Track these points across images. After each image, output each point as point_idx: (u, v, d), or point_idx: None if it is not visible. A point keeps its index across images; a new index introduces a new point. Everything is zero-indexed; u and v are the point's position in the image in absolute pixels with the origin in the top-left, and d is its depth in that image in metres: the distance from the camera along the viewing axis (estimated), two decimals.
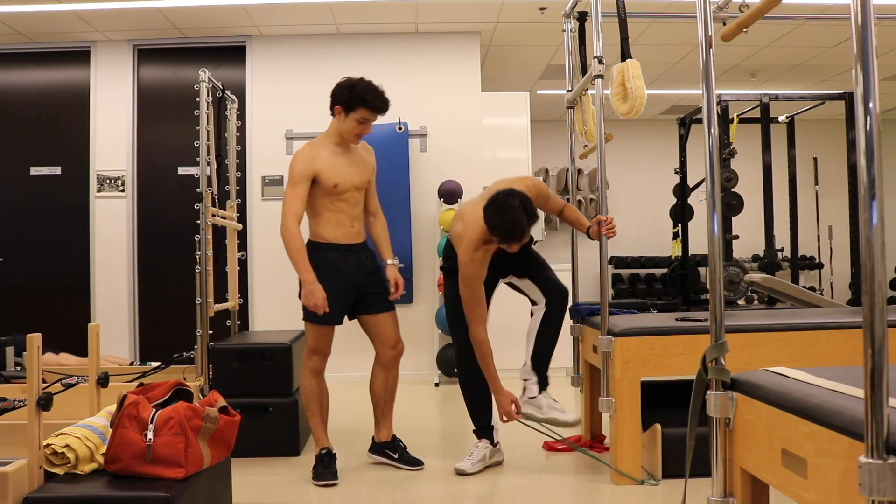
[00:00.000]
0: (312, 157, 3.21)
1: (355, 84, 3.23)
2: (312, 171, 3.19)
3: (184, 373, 3.78)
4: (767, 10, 1.75)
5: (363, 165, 3.37)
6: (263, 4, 5.41)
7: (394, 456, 3.46)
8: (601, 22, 3.33)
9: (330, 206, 3.26)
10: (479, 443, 3.38)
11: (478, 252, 3.13)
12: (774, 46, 6.35)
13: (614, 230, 3.32)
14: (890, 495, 1.17)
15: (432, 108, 6.05)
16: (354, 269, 3.32)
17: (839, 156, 6.91)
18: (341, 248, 3.29)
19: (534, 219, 3.03)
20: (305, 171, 3.19)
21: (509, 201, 2.97)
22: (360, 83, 3.23)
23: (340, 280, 3.27)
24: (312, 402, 3.35)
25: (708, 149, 1.86)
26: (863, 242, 1.22)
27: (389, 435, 3.51)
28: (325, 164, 3.21)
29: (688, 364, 2.97)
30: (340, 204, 3.28)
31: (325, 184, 3.21)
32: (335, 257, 3.27)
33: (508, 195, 2.99)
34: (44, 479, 2.09)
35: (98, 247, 5.97)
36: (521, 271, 3.39)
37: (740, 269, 5.95)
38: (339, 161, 3.26)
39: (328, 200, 3.26)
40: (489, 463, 3.36)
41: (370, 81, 3.25)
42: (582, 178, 9.00)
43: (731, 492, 1.79)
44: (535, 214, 3.04)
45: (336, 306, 3.25)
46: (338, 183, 3.23)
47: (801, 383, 1.59)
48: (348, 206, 3.30)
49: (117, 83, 6.03)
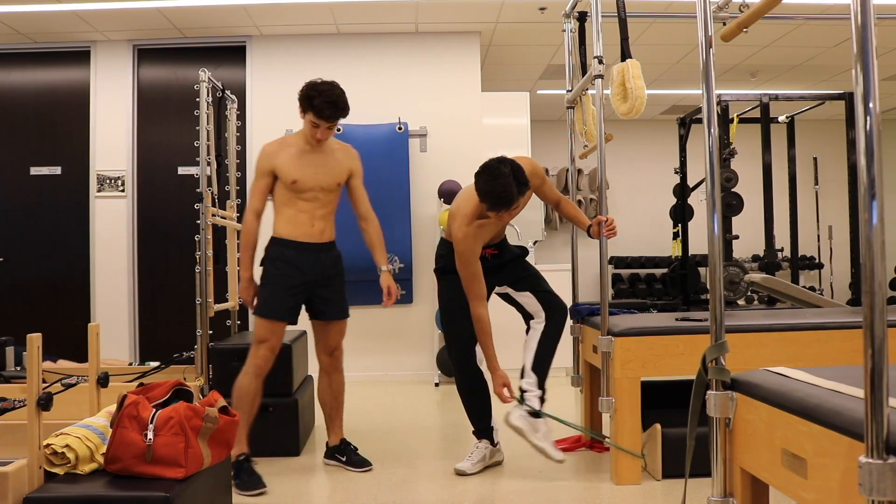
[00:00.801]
0: (274, 153, 3.24)
1: (314, 86, 3.20)
2: (271, 167, 3.22)
3: (184, 373, 3.78)
4: (767, 10, 1.75)
5: (335, 167, 3.32)
6: (263, 4, 5.41)
7: (342, 459, 3.45)
8: (601, 22, 3.33)
9: (290, 203, 3.26)
10: (479, 443, 3.38)
11: (471, 226, 3.13)
12: (774, 46, 6.35)
13: (615, 231, 3.32)
14: (890, 495, 1.17)
15: (432, 108, 6.05)
16: (310, 268, 3.29)
17: (839, 156, 6.91)
18: (298, 246, 3.27)
19: (524, 188, 3.02)
20: (264, 166, 3.24)
21: (500, 168, 2.98)
22: (319, 87, 3.19)
23: (293, 277, 3.27)
24: (245, 403, 3.21)
25: (708, 149, 1.86)
26: (863, 242, 1.22)
27: (339, 439, 3.50)
28: (286, 160, 3.21)
29: (688, 364, 2.97)
30: (301, 203, 3.26)
31: (284, 179, 3.22)
32: (290, 254, 3.27)
33: (500, 162, 3.02)
34: (44, 479, 2.09)
35: (98, 247, 5.97)
36: (519, 283, 3.38)
37: (740, 269, 5.95)
38: (304, 159, 3.24)
39: (288, 197, 3.25)
40: (489, 463, 3.36)
41: (331, 87, 3.18)
42: (582, 178, 9.00)
43: (731, 492, 1.79)
44: (526, 183, 3.03)
45: (286, 303, 3.26)
46: (297, 179, 3.21)
47: (801, 383, 1.59)
48: (311, 206, 3.27)
49: (117, 83, 6.03)
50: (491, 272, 3.33)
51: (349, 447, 3.48)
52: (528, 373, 3.26)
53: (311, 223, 3.29)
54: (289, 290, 3.27)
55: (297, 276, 3.27)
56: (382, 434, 4.10)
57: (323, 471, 3.44)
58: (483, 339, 3.20)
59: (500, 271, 3.38)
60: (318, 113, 3.17)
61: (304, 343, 4.23)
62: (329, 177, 3.30)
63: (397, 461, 3.55)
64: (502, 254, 3.41)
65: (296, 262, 3.27)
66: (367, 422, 4.41)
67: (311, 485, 3.26)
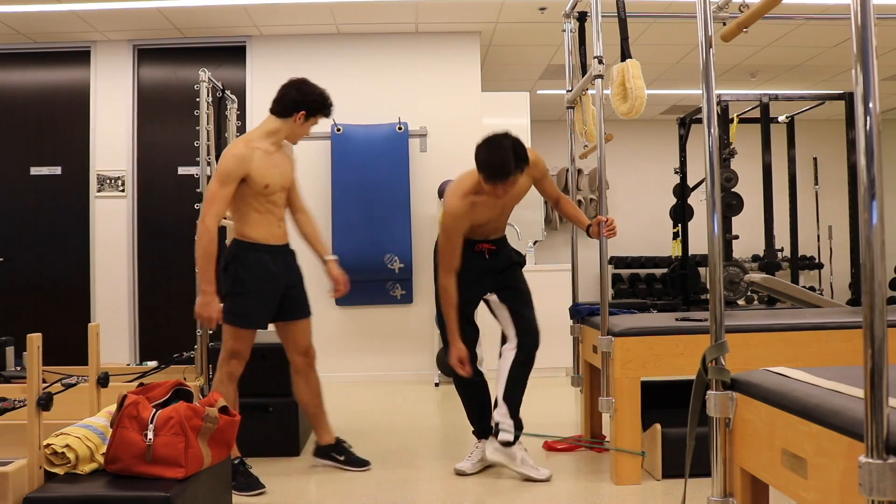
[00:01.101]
0: (247, 157, 3.10)
1: (317, 91, 3.24)
2: (245, 171, 3.09)
3: (184, 373, 3.78)
4: (767, 10, 1.75)
5: (289, 165, 3.32)
6: (263, 4, 5.41)
7: (340, 458, 3.41)
8: (601, 22, 3.33)
9: (259, 207, 3.18)
10: (479, 443, 3.38)
11: (464, 201, 3.12)
12: (774, 46, 6.35)
13: (615, 231, 3.31)
14: (890, 495, 1.17)
15: (432, 108, 6.05)
16: (283, 270, 3.25)
17: (839, 156, 6.90)
18: (271, 250, 3.21)
19: (523, 164, 3.03)
20: (237, 171, 3.08)
21: (502, 141, 3.01)
22: (319, 90, 3.25)
23: (271, 282, 3.20)
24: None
25: (708, 149, 1.86)
26: (863, 242, 1.22)
27: (332, 437, 3.45)
28: (259, 164, 3.12)
29: (688, 364, 2.97)
30: (269, 205, 3.20)
31: (257, 184, 3.12)
32: (266, 258, 3.19)
33: (502, 136, 3.04)
34: (44, 479, 2.09)
35: (98, 247, 5.97)
36: (504, 293, 3.32)
37: (740, 269, 5.95)
38: (270, 161, 3.18)
39: (257, 201, 3.16)
40: (489, 463, 3.36)
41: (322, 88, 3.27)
42: (582, 178, 9.00)
43: (731, 492, 1.79)
44: (526, 160, 3.04)
45: (264, 310, 3.20)
46: (269, 184, 3.15)
47: (801, 383, 1.60)
48: (276, 207, 3.24)
49: (117, 83, 6.03)
50: (486, 275, 3.30)
51: (345, 445, 3.45)
52: (500, 403, 3.25)
53: (278, 224, 3.25)
54: (268, 296, 3.20)
55: (273, 281, 3.21)
56: (382, 434, 4.10)
57: (323, 471, 3.43)
58: (447, 310, 3.21)
59: (495, 276, 3.33)
60: (328, 115, 3.26)
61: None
62: (287, 176, 3.29)
63: (397, 461, 3.55)
64: (500, 252, 3.36)
65: (270, 267, 3.20)
66: (367, 422, 4.40)
67: (311, 485, 3.26)
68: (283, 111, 3.21)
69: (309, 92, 3.23)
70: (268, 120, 3.24)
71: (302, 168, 6.03)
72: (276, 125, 3.22)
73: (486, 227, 3.28)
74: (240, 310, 3.14)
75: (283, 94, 3.22)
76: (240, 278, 3.15)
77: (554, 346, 5.81)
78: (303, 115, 3.20)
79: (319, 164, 5.90)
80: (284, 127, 3.22)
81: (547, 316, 5.93)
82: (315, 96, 3.23)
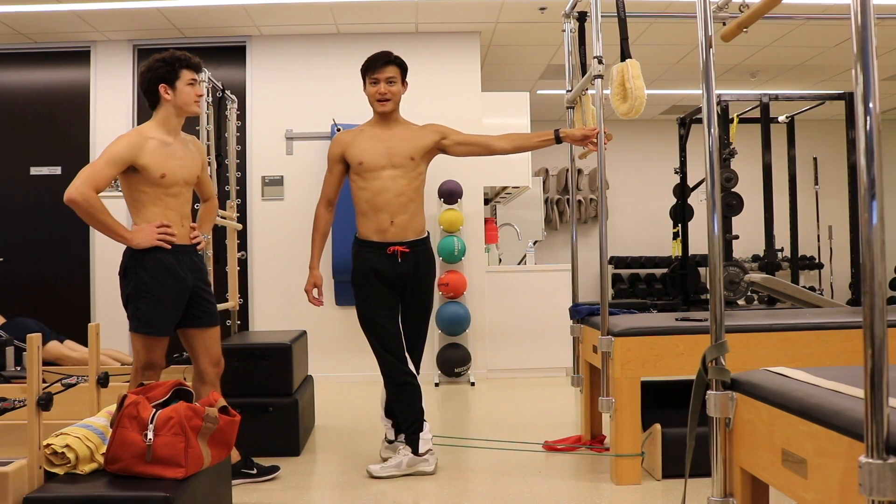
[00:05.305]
0: (138, 143, 2.89)
1: (155, 61, 2.98)
2: (134, 157, 2.88)
3: (184, 373, 3.77)
4: (767, 10, 1.75)
5: (194, 159, 3.08)
6: (263, 4, 5.41)
7: (252, 472, 3.25)
8: (601, 22, 3.33)
9: (157, 201, 2.95)
10: (403, 448, 3.28)
11: (361, 127, 3.60)
12: (774, 46, 6.35)
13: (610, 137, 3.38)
14: (890, 495, 1.17)
15: (432, 108, 6.03)
16: (189, 271, 2.99)
17: (839, 156, 6.91)
18: (174, 250, 2.94)
19: (403, 64, 3.61)
20: (126, 155, 2.87)
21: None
22: (159, 56, 2.99)
23: (175, 285, 2.94)
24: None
25: (708, 149, 1.86)
26: (863, 242, 1.22)
27: (238, 455, 3.22)
28: (153, 153, 2.90)
29: (688, 364, 2.97)
30: (169, 199, 2.96)
31: (152, 174, 2.89)
32: (168, 259, 2.92)
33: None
34: (44, 479, 2.09)
35: (98, 246, 5.97)
36: (404, 316, 3.34)
37: (740, 269, 5.96)
38: (167, 152, 2.95)
39: (154, 194, 2.94)
40: (407, 472, 3.24)
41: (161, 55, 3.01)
42: (582, 178, 9.00)
43: (731, 492, 1.79)
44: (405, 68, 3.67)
45: (170, 316, 2.94)
46: (166, 174, 2.91)
47: (801, 383, 1.60)
48: (177, 203, 2.99)
49: (117, 83, 6.03)
50: (396, 279, 3.28)
51: (251, 460, 3.28)
52: (383, 418, 3.42)
53: (181, 222, 3.00)
54: (172, 300, 2.94)
55: (177, 284, 2.94)
56: (382, 434, 4.09)
57: (323, 471, 3.44)
58: (314, 236, 3.42)
59: (403, 290, 3.32)
60: (191, 66, 3.02)
61: (303, 343, 4.23)
62: (190, 171, 3.04)
63: None
64: (415, 258, 3.32)
65: (174, 268, 2.93)
66: (367, 422, 4.40)
67: (311, 485, 3.26)
68: (151, 98, 3.00)
69: (153, 67, 2.97)
70: (153, 114, 3.04)
71: (302, 168, 6.09)
72: (159, 114, 3.00)
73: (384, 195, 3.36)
74: (145, 316, 2.90)
75: (142, 89, 3.03)
76: (140, 281, 2.92)
77: (554, 346, 5.85)
78: (164, 88, 2.95)
79: (319, 163, 5.89)
80: (163, 110, 2.99)
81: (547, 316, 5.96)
82: (158, 63, 2.97)
